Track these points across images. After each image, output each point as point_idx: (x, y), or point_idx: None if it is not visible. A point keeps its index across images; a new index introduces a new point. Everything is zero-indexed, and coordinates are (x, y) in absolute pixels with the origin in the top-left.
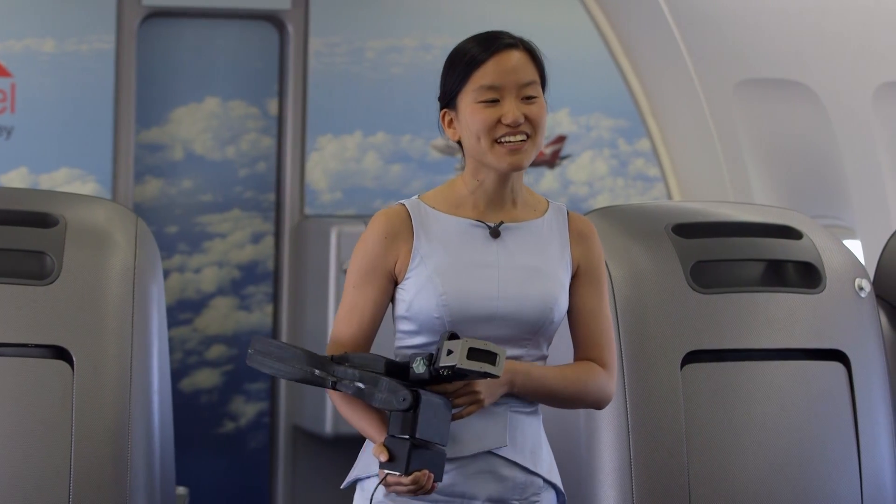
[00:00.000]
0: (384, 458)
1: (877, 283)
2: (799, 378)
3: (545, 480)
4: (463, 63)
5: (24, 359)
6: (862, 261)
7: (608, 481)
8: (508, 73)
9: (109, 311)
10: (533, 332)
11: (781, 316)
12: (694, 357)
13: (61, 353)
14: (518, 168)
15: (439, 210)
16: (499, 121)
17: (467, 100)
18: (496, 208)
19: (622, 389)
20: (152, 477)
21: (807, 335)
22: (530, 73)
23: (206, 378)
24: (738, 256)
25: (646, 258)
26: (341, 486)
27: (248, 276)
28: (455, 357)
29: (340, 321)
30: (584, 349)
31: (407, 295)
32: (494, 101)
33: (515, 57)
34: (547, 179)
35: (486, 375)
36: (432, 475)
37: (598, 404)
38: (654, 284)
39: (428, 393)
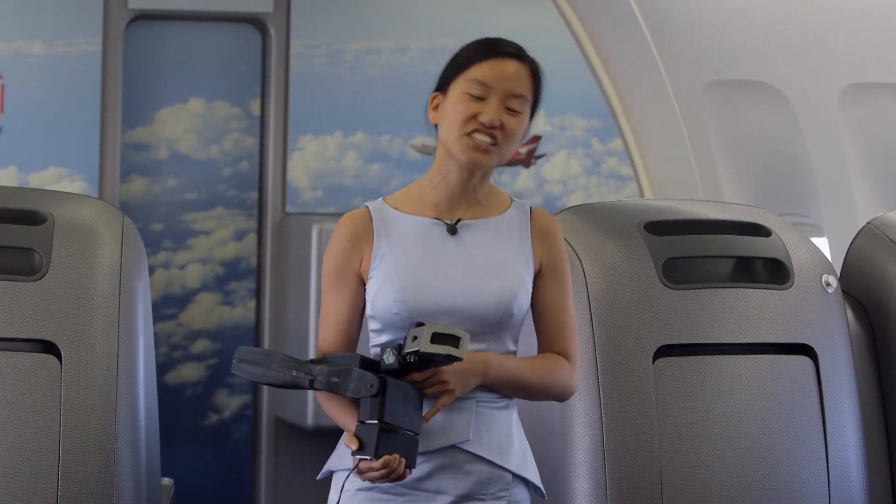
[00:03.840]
0: (354, 445)
1: (843, 279)
2: (768, 372)
3: (514, 475)
4: (465, 55)
5: (12, 353)
6: (829, 257)
7: (582, 472)
8: (502, 78)
9: (96, 307)
10: (492, 326)
11: (750, 311)
12: (666, 351)
13: (49, 348)
14: (477, 166)
15: (401, 210)
16: (475, 116)
17: (458, 88)
18: (456, 205)
19: (595, 383)
20: (138, 468)
21: (775, 330)
22: (523, 88)
23: (190, 372)
24: (709, 253)
25: (618, 255)
26: (317, 477)
27: (231, 272)
28: (419, 342)
29: (321, 328)
30: (549, 343)
31: (371, 293)
32: (480, 99)
33: (515, 67)
34: (522, 178)
35: (450, 358)
36: (403, 460)
37: (563, 396)
38: (626, 281)
39: (396, 380)
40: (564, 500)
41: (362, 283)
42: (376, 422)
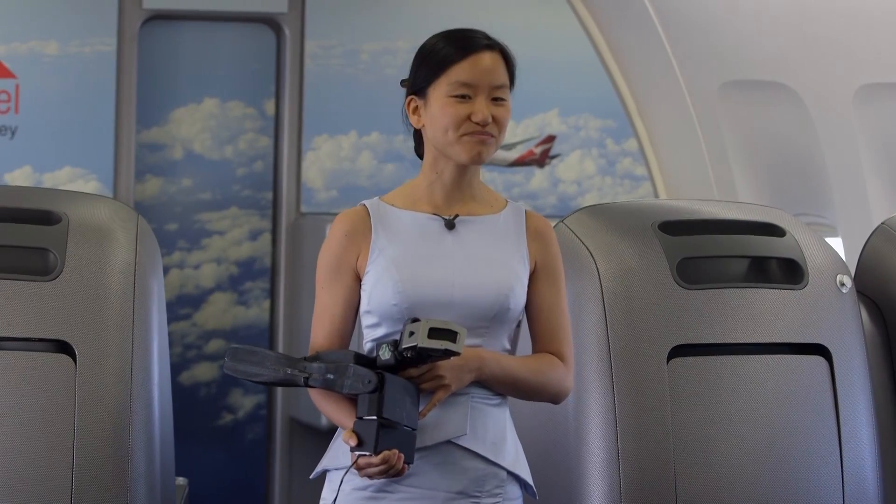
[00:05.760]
0: (353, 441)
1: (858, 280)
2: (782, 372)
3: (509, 473)
4: (439, 57)
5: (27, 353)
6: (843, 257)
7: (596, 472)
8: (484, 74)
9: (111, 306)
10: (489, 320)
11: (765, 311)
12: (680, 351)
13: (64, 348)
14: (478, 161)
15: (398, 207)
16: (468, 117)
17: (439, 92)
18: (453, 202)
19: (610, 383)
20: (152, 468)
21: (790, 330)
22: (502, 76)
23: (204, 371)
24: (723, 253)
25: (633, 255)
26: (310, 476)
27: (245, 272)
28: (416, 337)
29: (315, 324)
30: (543, 343)
31: (368, 287)
32: (466, 98)
33: (491, 58)
34: (537, 178)
35: (447, 353)
36: (402, 455)
37: (557, 398)
38: (641, 281)
39: (394, 376)
40: (578, 500)
41: (358, 280)
42: (375, 418)
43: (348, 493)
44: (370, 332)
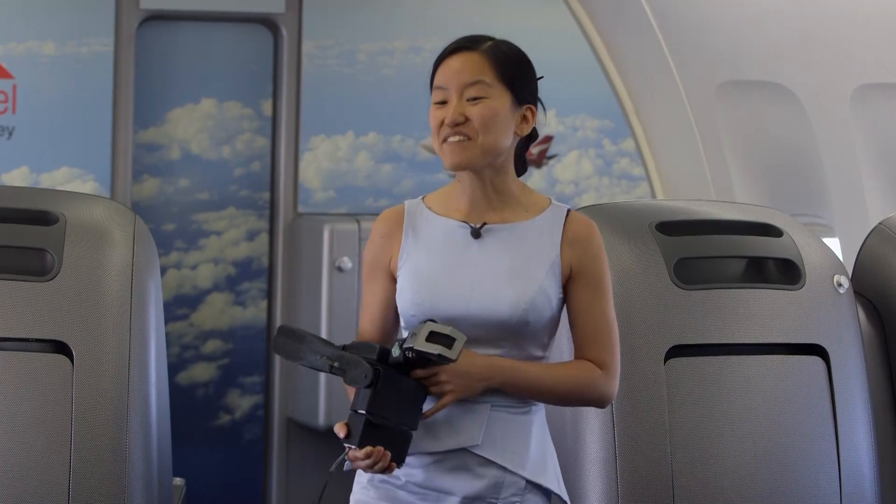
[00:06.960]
0: (342, 433)
1: (855, 280)
2: (779, 372)
3: (528, 482)
4: (432, 67)
5: (25, 353)
6: (840, 258)
7: (594, 472)
8: (453, 75)
9: (108, 307)
10: (507, 332)
11: (762, 311)
12: (677, 352)
13: (61, 348)
14: (457, 168)
15: (434, 211)
16: (443, 122)
17: (432, 103)
18: (482, 209)
19: None
20: (150, 468)
21: (787, 330)
22: (477, 74)
23: (202, 372)
24: (721, 253)
25: (630, 255)
26: (330, 469)
27: (243, 272)
28: (416, 339)
29: (360, 315)
30: (581, 349)
31: (397, 289)
32: (444, 103)
33: (465, 59)
34: (534, 178)
35: (441, 358)
36: (388, 454)
37: (597, 403)
38: (638, 281)
39: (396, 374)
40: (576, 500)
41: (393, 280)
42: (364, 412)
43: (364, 486)
44: (401, 331)
